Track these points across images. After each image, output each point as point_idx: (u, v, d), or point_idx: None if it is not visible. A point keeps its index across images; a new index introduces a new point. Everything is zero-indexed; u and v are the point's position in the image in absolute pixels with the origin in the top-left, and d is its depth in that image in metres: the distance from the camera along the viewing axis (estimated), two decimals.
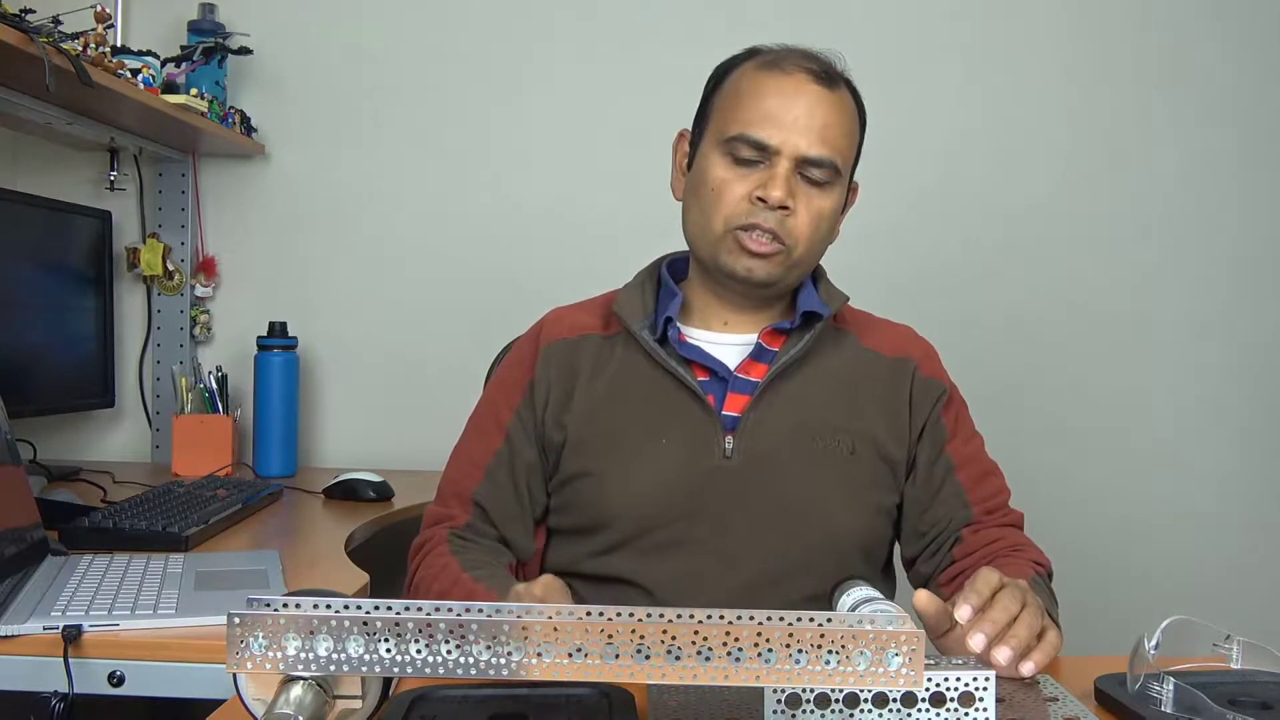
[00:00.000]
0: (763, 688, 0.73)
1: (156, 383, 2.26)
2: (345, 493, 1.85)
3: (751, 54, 1.18)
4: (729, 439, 1.13)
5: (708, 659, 0.65)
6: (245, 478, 1.96)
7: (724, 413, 1.14)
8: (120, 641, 1.06)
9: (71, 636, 1.04)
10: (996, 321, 2.23)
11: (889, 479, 1.16)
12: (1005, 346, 2.23)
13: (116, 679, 1.06)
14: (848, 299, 1.22)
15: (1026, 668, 0.80)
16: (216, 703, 0.87)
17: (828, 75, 1.15)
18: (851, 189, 1.22)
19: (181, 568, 1.28)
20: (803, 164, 1.12)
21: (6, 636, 1.05)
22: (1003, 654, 0.75)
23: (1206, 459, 2.26)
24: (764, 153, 1.12)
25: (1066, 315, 2.25)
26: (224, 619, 0.64)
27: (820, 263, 1.25)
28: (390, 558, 1.64)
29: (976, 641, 0.74)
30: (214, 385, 2.09)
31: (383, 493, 1.85)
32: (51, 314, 1.98)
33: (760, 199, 1.11)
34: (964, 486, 1.16)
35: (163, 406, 2.24)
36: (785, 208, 1.11)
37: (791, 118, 1.11)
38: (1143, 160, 2.24)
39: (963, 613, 0.76)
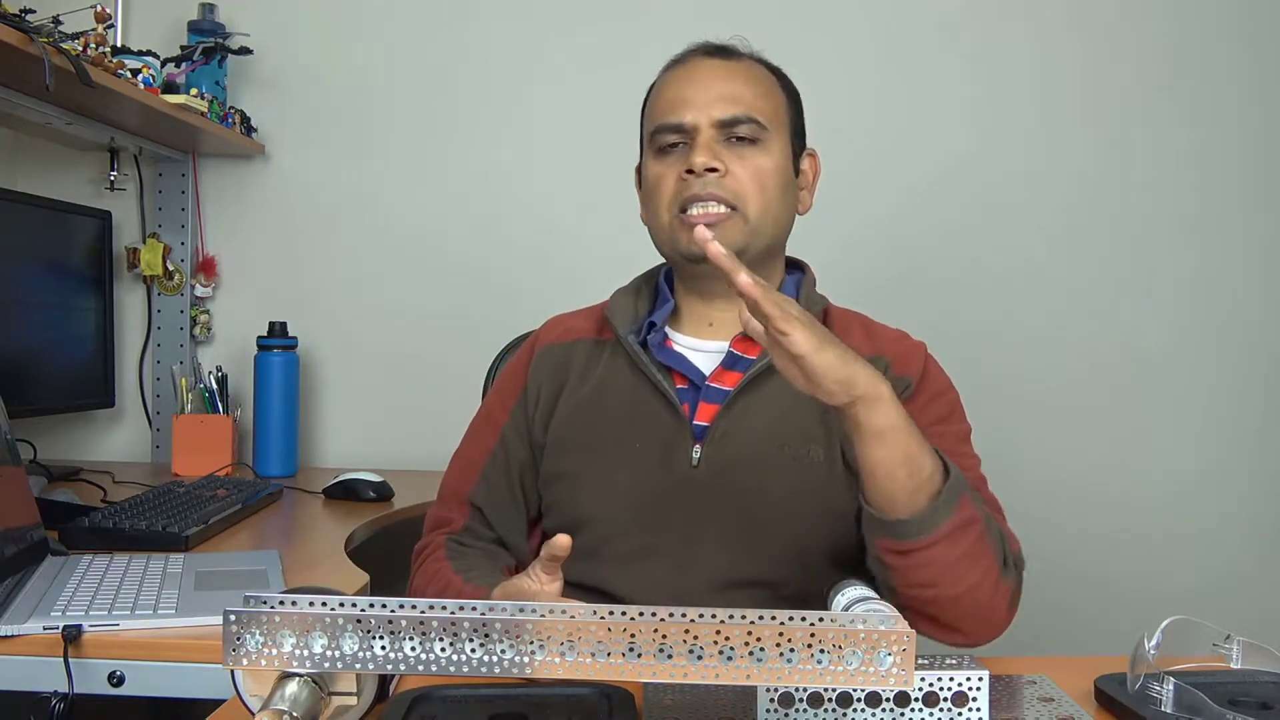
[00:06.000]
0: (756, 687, 0.73)
1: (156, 383, 2.26)
2: (345, 493, 1.85)
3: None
4: (697, 448, 1.12)
5: (699, 657, 0.65)
6: (245, 478, 1.96)
7: (695, 422, 1.14)
8: (120, 641, 1.06)
9: (71, 636, 1.04)
10: (997, 323, 2.23)
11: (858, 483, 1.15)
12: (1007, 348, 2.23)
13: (116, 679, 1.06)
14: (826, 304, 1.21)
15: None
16: (216, 703, 0.87)
17: (722, 49, 1.19)
18: (807, 155, 1.22)
19: (181, 568, 1.28)
20: (722, 129, 1.14)
21: (6, 636, 1.05)
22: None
23: (1207, 459, 2.26)
24: (683, 134, 1.15)
25: (1068, 317, 2.25)
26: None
27: (810, 266, 1.25)
28: (390, 558, 1.64)
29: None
30: (214, 385, 2.09)
31: (383, 493, 1.85)
32: (51, 314, 1.98)
33: (689, 172, 1.12)
34: None
35: (163, 406, 2.24)
36: (714, 169, 1.12)
37: (696, 93, 1.15)
38: (1146, 163, 2.24)
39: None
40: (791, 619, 0.66)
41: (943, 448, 1.10)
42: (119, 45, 2.02)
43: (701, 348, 1.19)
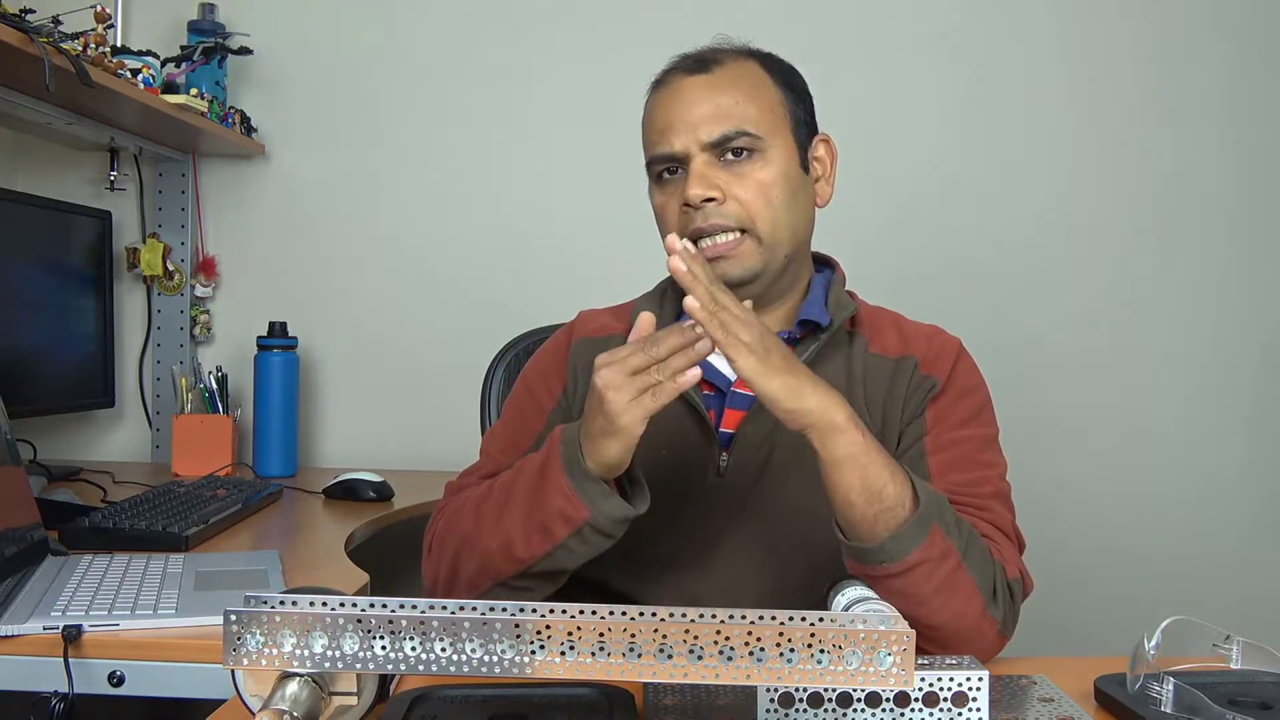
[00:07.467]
0: (756, 687, 0.73)
1: (156, 383, 2.26)
2: (345, 493, 1.85)
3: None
4: (724, 455, 1.11)
5: (699, 657, 0.65)
6: (245, 478, 1.96)
7: (721, 429, 1.12)
8: (120, 641, 1.07)
9: (71, 636, 1.04)
10: (996, 321, 2.23)
11: None
12: (1004, 346, 2.21)
13: (116, 679, 1.06)
14: (855, 306, 1.18)
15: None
16: (216, 703, 0.87)
17: (699, 61, 1.14)
18: (820, 142, 1.18)
19: (181, 568, 1.28)
20: (714, 150, 1.10)
21: (6, 636, 1.05)
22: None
23: (1207, 459, 2.26)
24: (676, 162, 1.11)
25: (1067, 316, 2.25)
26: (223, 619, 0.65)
27: (840, 265, 1.23)
28: (390, 558, 1.64)
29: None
30: (214, 385, 2.09)
31: (383, 493, 1.85)
32: (51, 314, 1.98)
33: (687, 205, 1.10)
34: (930, 473, 1.07)
35: (163, 406, 2.24)
36: (711, 199, 1.09)
37: (679, 118, 1.11)
38: (1142, 162, 2.24)
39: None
40: (791, 619, 0.66)
41: (964, 452, 1.10)
42: (119, 45, 2.02)
43: None
